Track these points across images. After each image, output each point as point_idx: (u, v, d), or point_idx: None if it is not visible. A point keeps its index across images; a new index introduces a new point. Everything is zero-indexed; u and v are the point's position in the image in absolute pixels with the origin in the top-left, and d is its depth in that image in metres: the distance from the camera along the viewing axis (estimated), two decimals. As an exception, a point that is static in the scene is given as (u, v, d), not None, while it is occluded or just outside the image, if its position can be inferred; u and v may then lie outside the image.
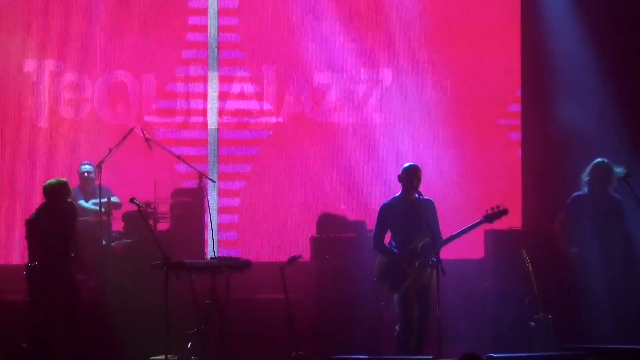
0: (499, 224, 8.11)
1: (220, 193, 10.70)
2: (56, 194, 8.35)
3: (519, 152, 10.96)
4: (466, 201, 10.52)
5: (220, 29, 10.74)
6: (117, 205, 9.75)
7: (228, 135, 10.80)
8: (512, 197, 10.64)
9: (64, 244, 8.33)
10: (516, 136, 11.03)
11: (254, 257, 9.04)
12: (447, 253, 7.88)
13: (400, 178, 7.91)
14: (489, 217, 7.84)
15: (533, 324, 8.85)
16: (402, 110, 10.92)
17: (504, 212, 7.83)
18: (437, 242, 7.66)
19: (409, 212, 7.84)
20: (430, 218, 7.70)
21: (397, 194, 7.97)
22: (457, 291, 9.02)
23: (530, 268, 8.89)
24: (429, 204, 7.81)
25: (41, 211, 8.41)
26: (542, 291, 8.88)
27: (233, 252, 10.18)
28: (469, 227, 7.82)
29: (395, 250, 7.85)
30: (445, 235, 7.84)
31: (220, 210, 10.73)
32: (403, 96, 10.92)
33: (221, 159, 10.81)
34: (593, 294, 8.75)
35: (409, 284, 7.78)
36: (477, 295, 9.74)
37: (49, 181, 8.46)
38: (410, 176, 7.82)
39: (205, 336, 8.21)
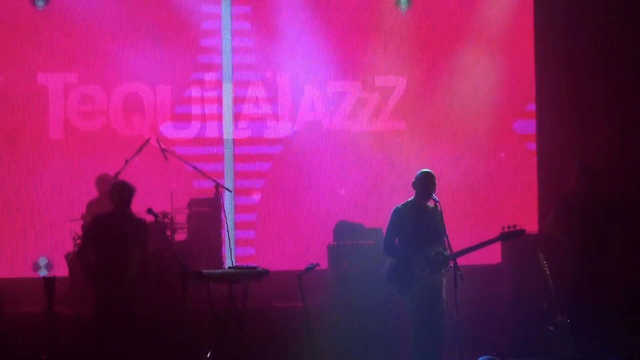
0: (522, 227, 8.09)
1: (237, 201, 10.80)
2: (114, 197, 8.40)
3: (534, 156, 11.03)
4: (481, 209, 10.71)
5: (234, 41, 10.86)
6: None
7: (243, 143, 10.91)
8: (528, 200, 10.77)
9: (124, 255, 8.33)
10: (531, 139, 11.06)
11: (271, 266, 9.09)
12: (463, 258, 7.91)
13: (414, 184, 8.02)
14: (505, 236, 7.87)
15: (552, 328, 8.94)
16: (416, 118, 11.05)
17: (520, 232, 7.87)
18: (451, 252, 7.76)
19: (422, 218, 7.94)
20: (442, 225, 7.80)
21: (409, 199, 8.07)
22: (474, 296, 9.04)
23: (548, 272, 9.00)
24: (439, 212, 7.84)
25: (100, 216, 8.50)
26: (560, 295, 8.99)
27: (250, 261, 10.30)
28: (483, 243, 7.87)
29: (406, 254, 7.92)
30: (458, 245, 7.90)
31: (237, 211, 10.77)
32: (417, 103, 11.05)
33: (237, 166, 10.89)
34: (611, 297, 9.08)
35: (419, 289, 7.85)
36: (495, 300, 9.77)
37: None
38: (426, 183, 7.91)
39: (223, 345, 8.29)
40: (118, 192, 8.41)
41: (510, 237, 7.89)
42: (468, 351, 8.28)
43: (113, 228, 8.34)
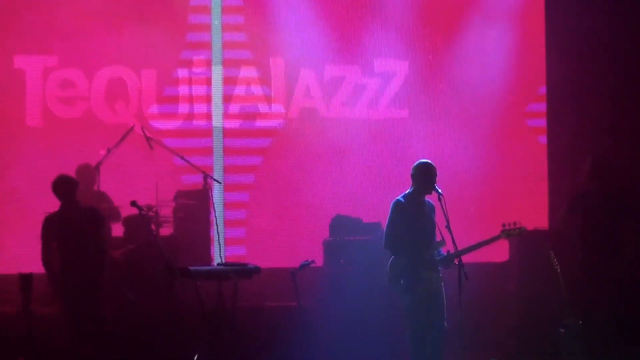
0: (524, 224, 8.20)
1: (227, 191, 10.76)
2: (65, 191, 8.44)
3: (544, 147, 11.00)
4: (488, 203, 10.66)
5: (225, 19, 10.83)
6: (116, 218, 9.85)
7: (234, 133, 10.87)
8: (538, 194, 10.76)
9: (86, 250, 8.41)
10: (541, 128, 11.06)
11: (263, 263, 9.07)
12: (469, 255, 7.99)
13: (413, 176, 8.00)
14: (507, 233, 7.99)
15: (562, 330, 8.95)
16: (419, 105, 11.00)
17: (522, 230, 7.98)
18: (455, 249, 7.81)
19: (423, 212, 7.97)
20: (447, 220, 7.77)
21: (407, 192, 8.04)
22: (480, 296, 9.06)
23: (559, 270, 8.98)
24: (442, 206, 7.82)
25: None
26: (571, 295, 9.02)
27: (241, 258, 10.24)
28: (485, 241, 7.96)
29: (411, 251, 7.93)
30: (463, 242, 7.94)
31: (227, 207, 10.77)
32: (420, 90, 11.00)
33: (227, 158, 10.87)
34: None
35: (424, 289, 7.88)
36: (501, 300, 9.82)
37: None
38: (427, 175, 7.91)
39: (212, 348, 8.37)
40: (63, 188, 8.49)
41: (512, 235, 7.98)
42: (472, 354, 8.38)
43: (67, 225, 8.39)
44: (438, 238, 7.96)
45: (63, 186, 8.49)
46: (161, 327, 9.00)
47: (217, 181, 10.20)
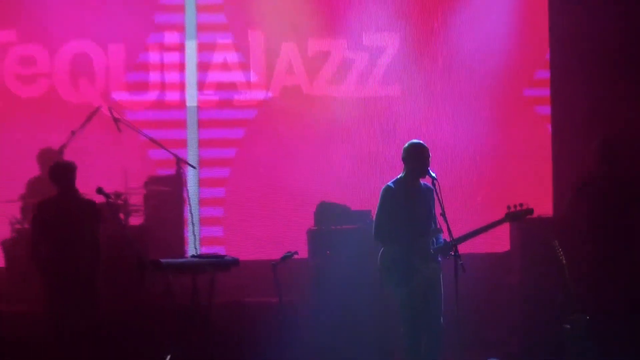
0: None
1: (201, 182, 10.76)
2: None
3: (548, 127, 10.92)
4: (487, 186, 10.63)
5: None
6: None
7: (209, 114, 10.83)
8: (541, 179, 10.73)
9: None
10: (545, 109, 10.99)
11: (241, 255, 9.14)
12: (466, 245, 7.88)
13: (404, 159, 7.91)
14: (512, 216, 7.91)
15: (568, 326, 8.87)
16: (412, 82, 10.87)
17: (528, 212, 7.91)
18: (451, 238, 7.78)
19: (416, 198, 7.87)
20: (442, 206, 7.73)
21: (399, 176, 7.97)
22: (478, 290, 9.13)
23: (564, 262, 8.89)
24: (437, 191, 7.84)
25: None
26: (578, 288, 8.92)
27: (218, 249, 10.10)
28: (487, 226, 7.87)
29: (404, 241, 7.84)
30: (460, 230, 7.87)
31: (202, 202, 10.77)
32: (412, 65, 10.87)
33: (202, 142, 10.82)
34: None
35: (418, 282, 7.80)
36: (502, 294, 9.81)
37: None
38: (419, 157, 7.82)
39: (186, 347, 8.41)
40: (63, 173, 8.46)
41: (518, 218, 7.94)
42: (471, 353, 8.32)
43: (61, 215, 8.37)
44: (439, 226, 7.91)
45: (61, 171, 8.47)
46: (131, 325, 8.98)
47: (192, 166, 10.14)
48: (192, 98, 10.79)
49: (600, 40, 10.48)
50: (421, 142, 7.90)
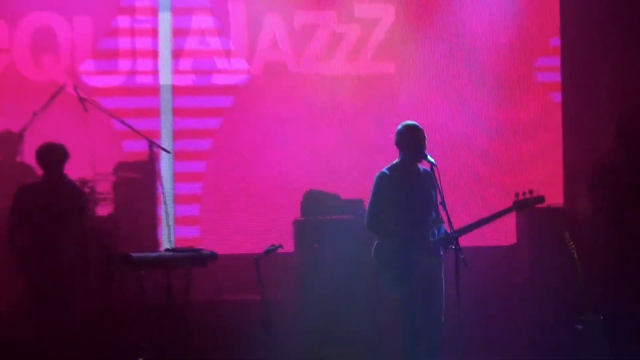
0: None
1: (177, 166, 10.59)
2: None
3: (559, 110, 10.82)
4: (490, 173, 10.59)
5: None
6: None
7: (186, 91, 10.66)
8: (551, 167, 10.67)
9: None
10: (556, 92, 10.88)
11: (220, 248, 9.07)
12: (469, 238, 7.77)
13: (398, 143, 7.72)
14: (520, 205, 7.76)
15: (579, 326, 8.85)
16: (408, 58, 10.74)
17: (539, 199, 7.76)
18: (452, 229, 7.63)
19: (413, 186, 7.68)
20: (441, 195, 7.55)
21: (395, 162, 7.79)
22: (481, 286, 9.10)
23: (576, 255, 8.86)
24: (435, 177, 7.69)
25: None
26: (591, 286, 8.92)
27: (194, 243, 10.07)
28: (493, 215, 7.72)
29: (400, 232, 7.64)
30: (462, 219, 7.76)
31: (177, 180, 10.61)
32: (409, 39, 10.73)
33: (177, 121, 10.65)
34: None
35: (417, 277, 7.59)
36: (509, 290, 9.80)
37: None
38: (413, 140, 7.63)
39: (159, 349, 8.31)
40: (47, 157, 8.44)
41: (527, 206, 7.78)
42: (474, 354, 8.21)
43: (45, 201, 8.37)
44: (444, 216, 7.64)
45: (48, 155, 8.45)
46: (99, 325, 8.85)
47: (166, 150, 10.00)
48: (166, 73, 10.60)
49: (616, 15, 10.36)
50: (415, 122, 7.74)
